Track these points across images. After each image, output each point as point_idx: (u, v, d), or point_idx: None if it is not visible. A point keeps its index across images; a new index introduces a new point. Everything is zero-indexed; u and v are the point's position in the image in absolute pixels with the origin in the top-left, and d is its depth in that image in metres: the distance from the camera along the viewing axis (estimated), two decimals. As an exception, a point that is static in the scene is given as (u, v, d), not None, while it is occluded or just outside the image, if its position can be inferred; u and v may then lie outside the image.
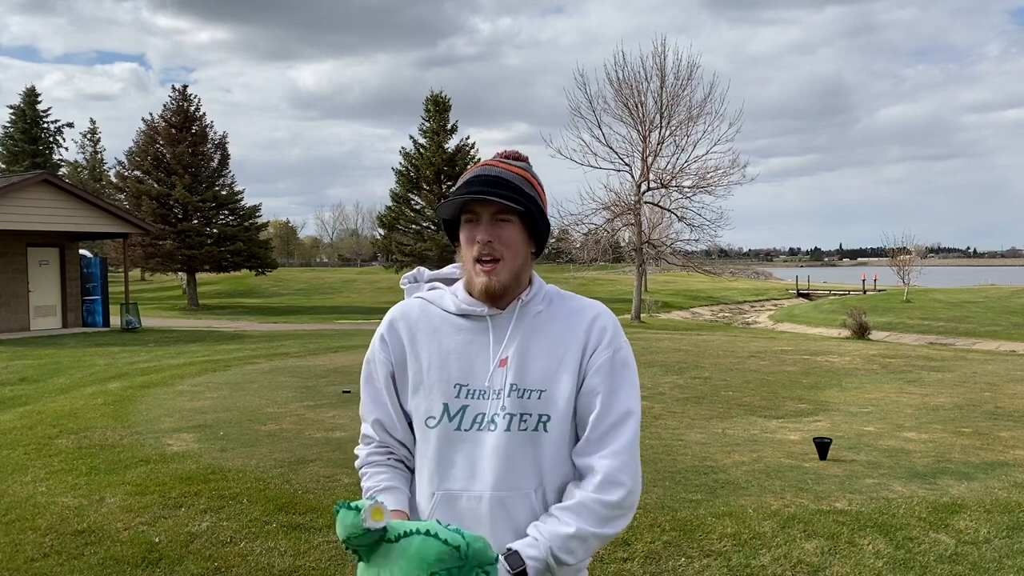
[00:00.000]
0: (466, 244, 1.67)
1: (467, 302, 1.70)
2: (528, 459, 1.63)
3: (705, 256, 34.98)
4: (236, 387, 9.72)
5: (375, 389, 1.77)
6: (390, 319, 1.77)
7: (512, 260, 1.66)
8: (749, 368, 11.62)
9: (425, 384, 1.69)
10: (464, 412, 1.65)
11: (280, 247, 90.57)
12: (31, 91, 54.47)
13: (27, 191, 19.89)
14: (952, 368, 11.64)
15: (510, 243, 1.66)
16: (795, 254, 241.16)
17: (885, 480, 5.42)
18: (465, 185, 1.67)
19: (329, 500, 5.00)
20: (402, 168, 40.52)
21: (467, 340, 1.68)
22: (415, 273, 1.87)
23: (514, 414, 1.63)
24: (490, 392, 1.65)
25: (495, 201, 1.63)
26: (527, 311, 1.71)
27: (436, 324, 1.72)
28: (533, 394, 1.64)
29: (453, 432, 1.65)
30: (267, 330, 22.07)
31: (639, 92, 28.24)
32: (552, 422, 1.64)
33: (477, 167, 1.72)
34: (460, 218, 1.70)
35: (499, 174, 1.68)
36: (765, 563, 4.02)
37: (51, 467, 5.99)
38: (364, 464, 1.77)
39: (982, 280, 54.00)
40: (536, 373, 1.65)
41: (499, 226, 1.65)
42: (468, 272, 1.69)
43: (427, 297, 1.78)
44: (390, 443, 1.76)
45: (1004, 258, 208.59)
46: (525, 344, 1.67)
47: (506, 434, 1.62)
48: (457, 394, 1.66)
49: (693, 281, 48.24)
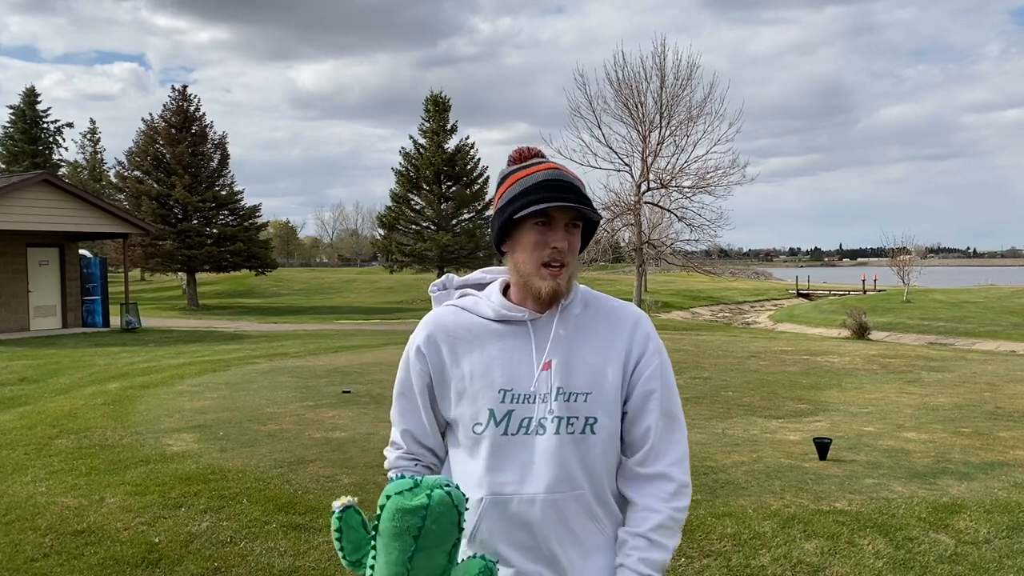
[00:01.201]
0: (533, 247, 1.64)
1: (506, 307, 1.69)
2: (578, 461, 1.65)
3: (705, 256, 34.96)
4: (236, 387, 9.72)
5: (409, 400, 1.77)
6: (427, 330, 1.74)
7: (572, 266, 1.67)
8: (749, 368, 11.62)
9: (469, 392, 1.68)
10: (510, 417, 1.65)
11: (280, 247, 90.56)
12: (31, 91, 54.45)
13: (27, 191, 19.88)
14: (952, 368, 11.64)
15: (575, 251, 1.67)
16: (795, 254, 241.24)
17: (885, 480, 5.42)
18: (544, 188, 1.63)
19: (329, 500, 4.99)
20: (402, 168, 40.51)
21: (509, 346, 1.68)
22: (444, 280, 1.85)
23: (562, 417, 1.64)
24: (536, 396, 1.65)
25: (580, 209, 1.62)
26: (567, 313, 1.70)
27: (475, 332, 1.71)
28: (579, 397, 1.65)
29: (500, 437, 1.65)
30: (267, 330, 22.07)
31: (639, 92, 28.21)
32: (599, 424, 1.66)
33: (544, 169, 1.68)
34: (524, 219, 1.65)
35: (571, 180, 1.66)
36: (765, 563, 4.02)
37: (51, 467, 5.99)
38: (392, 468, 1.79)
39: (982, 280, 53.99)
40: (581, 376, 1.66)
41: (571, 233, 1.65)
42: (527, 275, 1.66)
43: (460, 304, 1.76)
44: (418, 451, 1.78)
45: (1004, 258, 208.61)
46: (568, 347, 1.67)
47: (556, 437, 1.63)
48: (502, 399, 1.65)
49: (693, 281, 48.23)
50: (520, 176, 1.68)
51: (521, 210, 1.63)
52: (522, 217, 1.64)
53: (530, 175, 1.67)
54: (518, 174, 1.69)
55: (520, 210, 1.63)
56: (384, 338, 17.78)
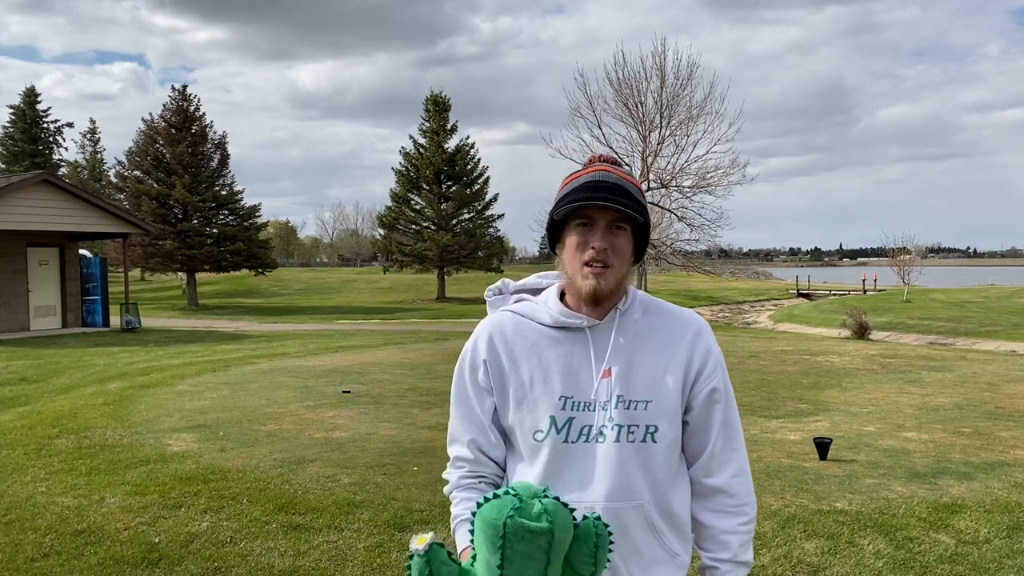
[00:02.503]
0: (576, 248, 1.63)
1: (564, 313, 1.67)
2: (639, 469, 1.62)
3: (705, 256, 35.01)
4: (236, 387, 9.72)
5: (470, 409, 1.72)
6: (488, 335, 1.72)
7: (620, 268, 1.63)
8: (749, 368, 11.62)
9: (529, 399, 1.65)
10: (571, 424, 1.63)
11: (280, 247, 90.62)
12: (31, 91, 54.48)
13: (27, 191, 19.89)
14: (952, 368, 11.64)
15: (621, 252, 1.63)
16: (795, 254, 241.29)
17: (885, 480, 5.42)
18: (584, 190, 1.62)
19: (329, 500, 5.00)
20: (402, 168, 40.53)
21: (568, 352, 1.65)
22: (499, 285, 1.83)
23: (622, 425, 1.62)
24: (596, 404, 1.63)
25: (618, 209, 1.60)
26: (626, 320, 1.68)
27: (533, 338, 1.68)
28: (640, 405, 1.63)
29: (561, 444, 1.62)
30: (267, 330, 22.07)
31: (639, 92, 28.30)
32: (660, 432, 1.63)
33: (592, 171, 1.66)
34: (568, 221, 1.65)
35: (618, 181, 1.63)
36: (765, 563, 4.02)
37: (51, 467, 5.98)
38: (455, 488, 1.73)
39: (982, 280, 53.98)
40: (641, 383, 1.64)
41: (614, 234, 1.62)
42: (572, 275, 1.65)
43: (517, 310, 1.74)
44: (485, 464, 1.73)
45: (1004, 258, 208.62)
46: (628, 354, 1.65)
47: (616, 445, 1.61)
48: (563, 406, 1.63)
49: (693, 281, 48.24)
50: (574, 178, 1.68)
51: (560, 211, 1.63)
52: (566, 219, 1.64)
53: (579, 177, 1.66)
54: (572, 176, 1.69)
55: (559, 211, 1.64)
56: (384, 338, 17.78)
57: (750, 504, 1.69)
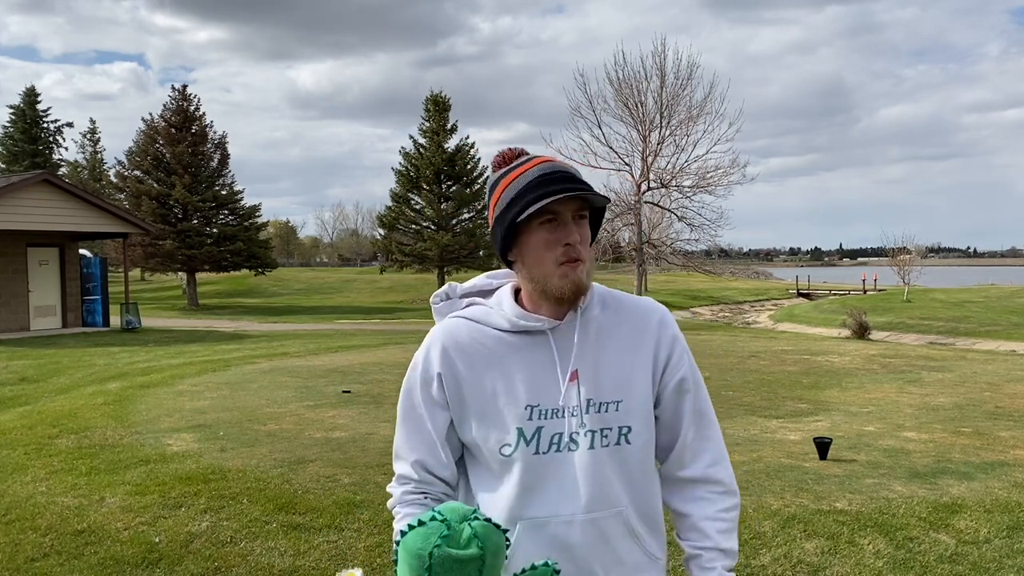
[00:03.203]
0: (545, 247, 1.51)
1: (522, 316, 1.56)
2: (615, 474, 1.55)
3: (705, 256, 34.97)
4: (236, 387, 9.72)
5: (419, 426, 1.61)
6: (441, 345, 1.59)
7: (589, 260, 1.54)
8: (749, 368, 11.62)
9: (492, 411, 1.55)
10: (540, 434, 1.53)
11: (280, 247, 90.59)
12: (31, 91, 54.46)
13: (27, 191, 19.89)
14: (952, 368, 11.64)
15: (588, 242, 1.55)
16: (795, 254, 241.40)
17: (885, 480, 5.42)
18: (544, 183, 1.50)
19: (329, 500, 5.00)
20: (402, 168, 40.52)
21: (530, 358, 1.56)
22: (447, 289, 1.70)
23: (595, 430, 1.54)
24: (565, 410, 1.54)
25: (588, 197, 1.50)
26: (587, 317, 1.59)
27: (491, 346, 1.57)
28: (610, 406, 1.55)
29: (533, 457, 1.53)
30: (267, 330, 22.07)
31: (639, 92, 28.25)
32: (633, 432, 1.57)
33: (537, 164, 1.55)
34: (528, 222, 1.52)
35: (568, 169, 1.54)
36: (765, 563, 4.02)
37: (51, 467, 5.99)
38: (398, 503, 1.62)
39: (982, 280, 53.97)
40: (610, 383, 1.56)
41: (580, 225, 1.53)
42: (543, 278, 1.53)
43: (469, 316, 1.62)
44: (431, 483, 1.62)
45: (1004, 258, 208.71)
46: (593, 353, 1.57)
47: (590, 452, 1.53)
48: (529, 416, 1.53)
49: (693, 281, 48.23)
50: (513, 177, 1.56)
51: (523, 211, 1.49)
52: (526, 220, 1.51)
53: (524, 173, 1.54)
54: (510, 176, 1.57)
55: (522, 212, 1.49)
56: (384, 338, 17.78)
57: (730, 491, 1.64)
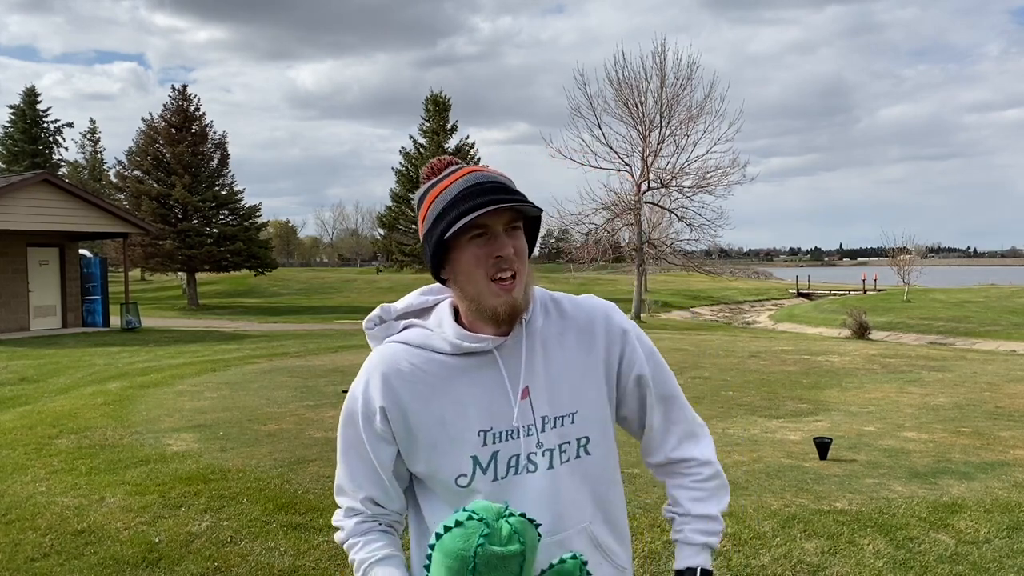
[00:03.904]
0: (475, 263, 1.43)
1: (465, 338, 1.47)
2: (578, 490, 1.50)
3: (705, 256, 34.99)
4: (236, 387, 9.72)
5: (364, 461, 1.52)
6: (380, 375, 1.49)
7: (524, 272, 1.46)
8: (749, 368, 11.62)
9: (443, 441, 1.46)
10: (496, 459, 1.46)
11: (280, 247, 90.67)
12: (31, 91, 54.54)
13: (27, 191, 19.90)
14: (952, 368, 11.64)
15: (523, 255, 1.46)
16: (795, 254, 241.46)
17: (885, 480, 5.42)
18: (471, 196, 1.42)
19: (329, 500, 4.99)
20: (402, 168, 40.63)
21: (477, 380, 1.47)
22: (380, 312, 1.61)
23: (552, 448, 1.47)
24: (519, 431, 1.46)
25: (518, 208, 1.42)
26: (532, 329, 1.51)
27: (434, 371, 1.48)
28: (566, 419, 1.49)
29: (491, 484, 1.45)
30: (267, 330, 22.07)
31: (639, 92, 28.27)
32: (592, 443, 1.51)
33: (461, 176, 1.47)
34: (455, 238, 1.44)
35: (496, 179, 1.46)
36: (765, 563, 4.02)
37: (51, 467, 5.99)
38: (352, 535, 1.54)
39: (982, 280, 53.99)
40: (562, 395, 1.50)
41: (513, 236, 1.45)
42: (477, 296, 1.45)
43: (408, 340, 1.52)
44: (383, 514, 1.56)
45: (1004, 258, 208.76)
46: (542, 366, 1.49)
47: (549, 472, 1.47)
48: (483, 442, 1.46)
49: (693, 281, 48.24)
50: (439, 191, 1.48)
51: (450, 227, 1.41)
52: (454, 236, 1.43)
53: (449, 187, 1.46)
54: (435, 189, 1.49)
55: (449, 227, 1.41)
56: (384, 338, 17.77)
57: (704, 462, 1.61)
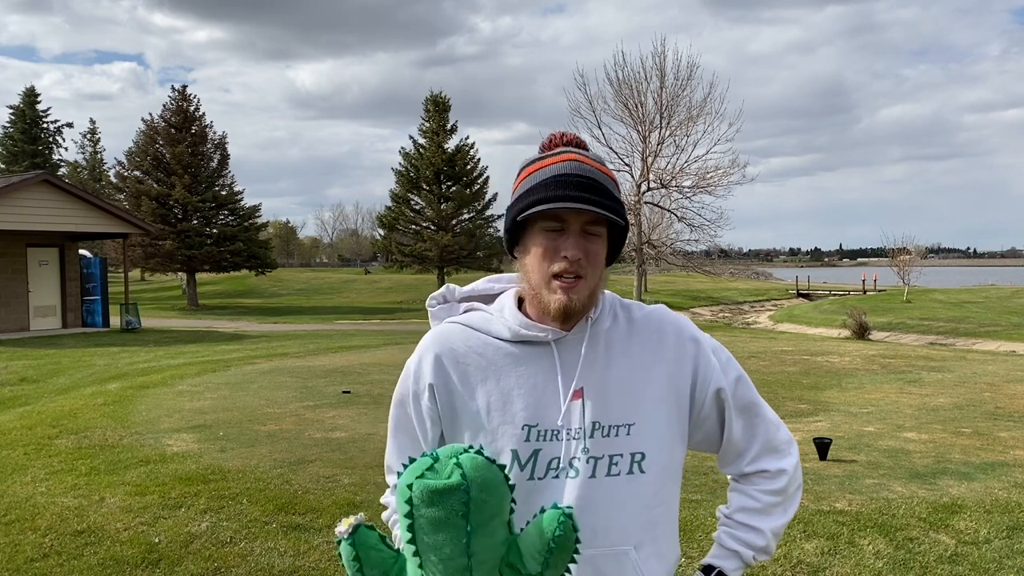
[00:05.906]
0: (543, 256, 1.37)
1: (525, 325, 1.41)
2: (622, 508, 1.38)
3: (705, 256, 35.01)
4: (236, 387, 9.72)
5: (411, 438, 1.50)
6: (434, 354, 1.45)
7: (593, 278, 1.38)
8: (749, 368, 11.62)
9: (486, 430, 1.41)
10: (537, 458, 1.39)
11: (280, 247, 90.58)
12: (30, 91, 54.53)
13: (27, 191, 19.89)
14: (952, 368, 11.64)
15: (596, 260, 1.39)
16: (795, 254, 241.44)
17: (885, 480, 5.42)
18: (553, 186, 1.36)
19: (329, 500, 5.00)
20: (402, 168, 40.53)
21: (530, 372, 1.41)
22: (445, 292, 1.57)
23: (599, 456, 1.38)
24: (564, 432, 1.39)
25: (599, 213, 1.35)
26: (597, 330, 1.43)
27: (489, 356, 1.43)
28: (620, 430, 1.39)
29: (526, 482, 1.38)
30: (267, 330, 22.07)
31: (639, 92, 28.24)
32: (648, 460, 1.40)
33: (560, 160, 1.39)
34: (532, 221, 1.39)
35: (592, 174, 1.38)
36: (765, 563, 4.02)
37: (51, 467, 5.98)
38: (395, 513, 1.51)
39: (982, 280, 53.99)
40: (620, 404, 1.40)
41: (588, 239, 1.37)
42: (537, 287, 1.39)
43: (467, 322, 1.48)
44: None
45: (1004, 258, 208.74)
46: (601, 370, 1.41)
47: (590, 481, 1.37)
48: (526, 437, 1.39)
49: (693, 281, 48.23)
50: (535, 168, 1.41)
51: (526, 210, 1.36)
52: (529, 219, 1.38)
53: (545, 167, 1.40)
54: (534, 165, 1.43)
55: (525, 210, 1.37)
56: (384, 338, 17.79)
57: (771, 474, 1.50)
